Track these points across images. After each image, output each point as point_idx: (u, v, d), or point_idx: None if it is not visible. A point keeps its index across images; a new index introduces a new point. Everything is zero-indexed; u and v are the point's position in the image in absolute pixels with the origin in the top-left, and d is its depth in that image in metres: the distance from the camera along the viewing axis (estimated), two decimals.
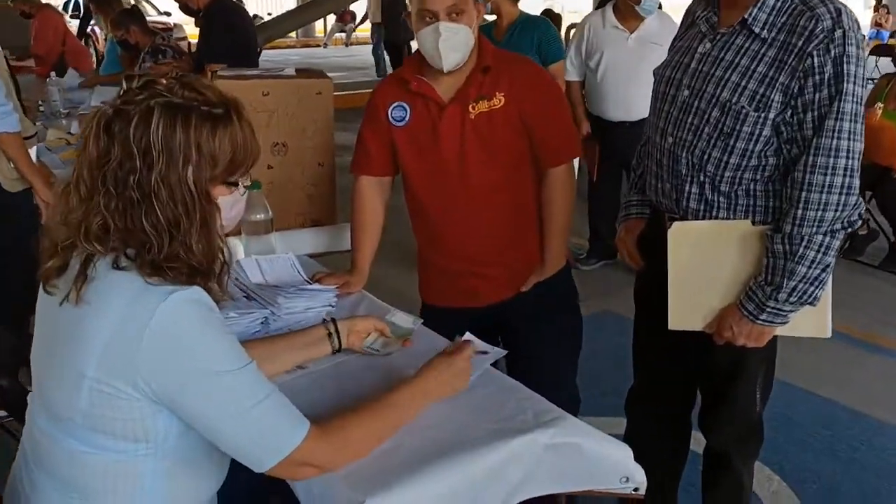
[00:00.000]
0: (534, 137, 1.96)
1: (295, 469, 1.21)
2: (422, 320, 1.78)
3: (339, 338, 1.64)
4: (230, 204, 1.29)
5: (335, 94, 2.44)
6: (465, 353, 1.47)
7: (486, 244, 2.00)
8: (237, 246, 2.15)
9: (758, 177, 1.65)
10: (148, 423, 1.17)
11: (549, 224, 2.01)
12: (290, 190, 2.33)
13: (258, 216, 2.10)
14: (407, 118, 1.96)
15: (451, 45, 1.85)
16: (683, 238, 1.70)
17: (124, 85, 4.32)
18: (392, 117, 1.98)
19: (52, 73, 4.91)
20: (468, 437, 1.36)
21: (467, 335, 1.65)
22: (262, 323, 1.78)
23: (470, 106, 1.92)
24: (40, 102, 4.47)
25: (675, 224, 1.72)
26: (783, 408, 1.95)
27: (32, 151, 2.96)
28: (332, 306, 1.89)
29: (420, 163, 1.98)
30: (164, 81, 1.23)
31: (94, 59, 8.07)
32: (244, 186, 1.31)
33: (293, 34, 14.84)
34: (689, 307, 1.71)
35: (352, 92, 9.28)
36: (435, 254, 2.08)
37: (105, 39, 6.84)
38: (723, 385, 1.85)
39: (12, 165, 2.76)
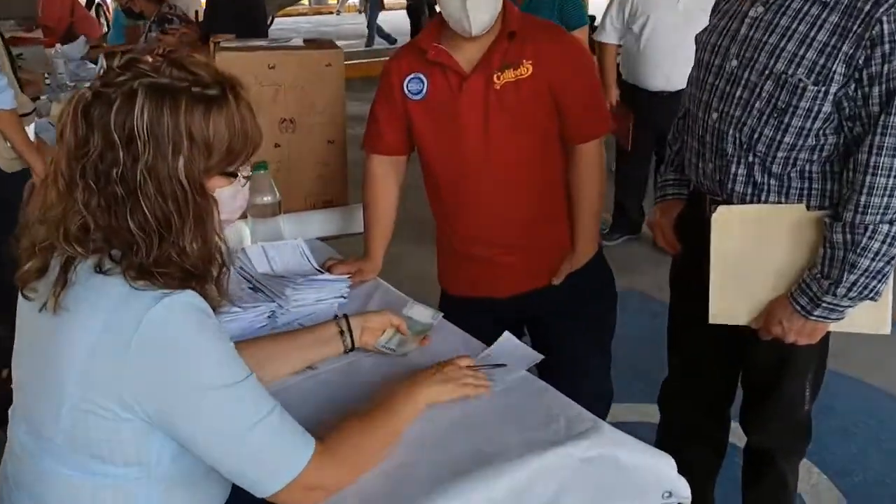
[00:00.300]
0: (562, 111, 1.80)
1: (303, 494, 1.09)
2: (442, 314, 1.64)
3: (351, 336, 1.50)
4: (230, 196, 1.15)
5: (348, 63, 2.29)
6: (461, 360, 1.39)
7: (510, 228, 1.85)
8: (243, 230, 2.02)
9: (814, 157, 1.48)
10: (138, 445, 1.05)
11: (579, 206, 1.86)
12: (300, 169, 2.18)
13: (265, 199, 1.97)
14: (424, 91, 1.81)
15: (479, 5, 1.69)
16: (728, 224, 1.54)
17: (103, 63, 4.18)
18: (408, 90, 1.83)
19: (59, 45, 4.76)
20: (492, 450, 1.23)
21: (505, 336, 1.52)
22: (268, 317, 1.66)
23: (495, 76, 1.75)
24: (46, 75, 4.33)
25: (720, 208, 1.56)
26: (824, 396, 1.80)
27: (30, 129, 2.83)
28: (345, 297, 1.76)
29: (438, 139, 1.83)
30: (150, 59, 1.09)
31: (105, 28, 7.91)
32: (244, 177, 1.17)
33: (305, 1, 14.59)
34: (733, 299, 1.56)
35: (365, 60, 9.09)
36: (454, 238, 1.93)
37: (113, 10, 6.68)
38: (768, 381, 1.70)
39: (9, 144, 2.63)
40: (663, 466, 1.31)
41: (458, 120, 1.78)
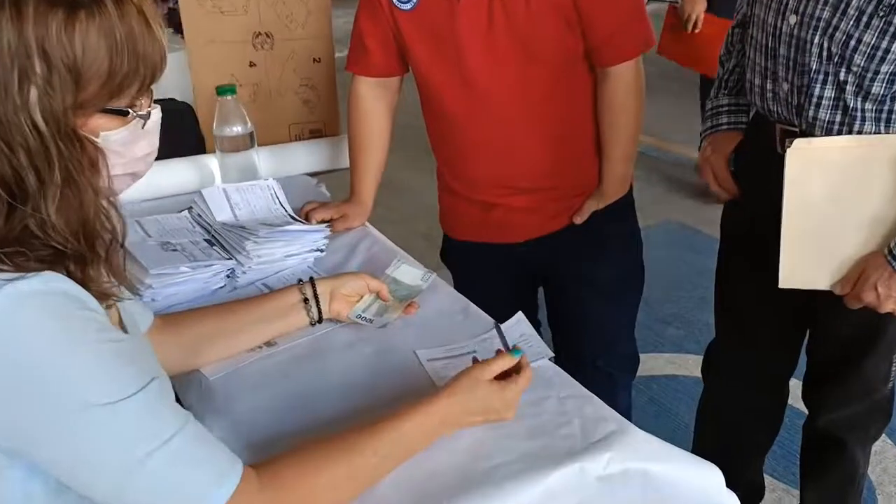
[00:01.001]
0: (587, 25, 1.42)
1: None
2: (434, 274, 1.33)
3: (318, 304, 1.21)
4: (124, 142, 0.84)
5: None
6: (525, 375, 1.02)
7: (523, 169, 1.51)
8: (212, 165, 1.72)
9: None
10: None
11: (610, 141, 1.50)
12: (280, 94, 1.86)
13: (234, 129, 1.65)
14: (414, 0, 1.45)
15: None
16: (807, 162, 1.18)
17: None
18: None
19: None
20: (482, 468, 0.94)
21: (517, 318, 1.21)
22: (227, 276, 1.37)
23: None
24: None
25: (796, 142, 1.19)
26: None
27: None
28: (322, 250, 1.46)
29: (433, 58, 1.47)
30: None
31: None
32: (139, 115, 0.85)
33: None
34: (811, 259, 1.22)
35: None
36: (455, 180, 1.61)
37: None
38: (847, 356, 1.38)
39: None
40: (707, 481, 1.02)
41: (456, 40, 1.42)
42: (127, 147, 0.85)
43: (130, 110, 0.83)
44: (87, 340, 0.76)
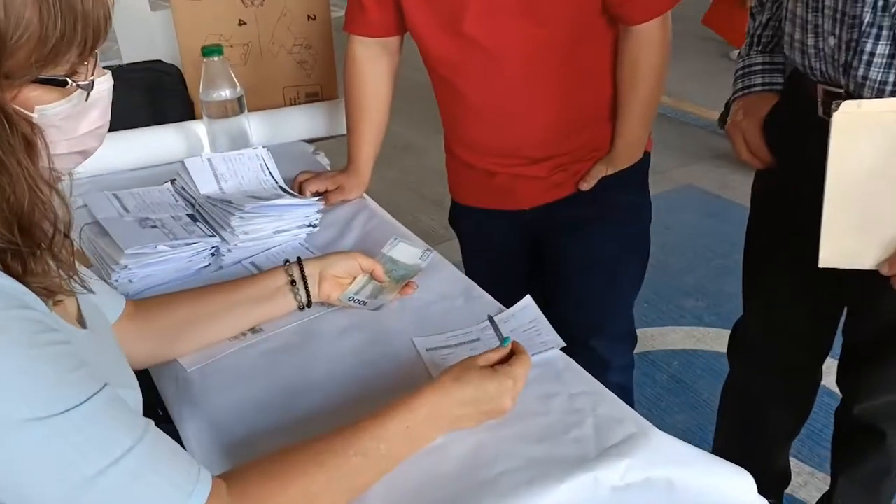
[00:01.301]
0: None
1: None
2: (432, 253, 1.22)
3: (306, 287, 1.10)
4: (65, 116, 0.73)
5: None
6: (520, 360, 0.91)
7: (532, 137, 1.37)
8: (201, 132, 1.60)
9: None
10: None
11: (628, 101, 1.36)
12: (273, 54, 1.73)
13: (222, 94, 1.52)
14: None
15: None
16: (855, 128, 1.03)
17: None
18: None
19: None
20: (489, 473, 0.84)
21: (525, 302, 1.09)
22: (211, 255, 1.26)
23: None
24: None
25: (845, 105, 1.04)
26: None
27: None
28: (315, 226, 1.34)
29: (432, 17, 1.33)
30: None
31: None
32: (80, 85, 0.73)
33: None
34: (856, 236, 1.08)
35: None
36: (457, 144, 1.48)
37: None
38: (887, 337, 1.26)
39: None
40: (739, 488, 0.90)
41: None
42: (70, 122, 0.73)
43: (70, 80, 0.71)
44: (20, 345, 0.65)
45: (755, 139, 1.29)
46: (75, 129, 0.75)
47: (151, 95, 1.72)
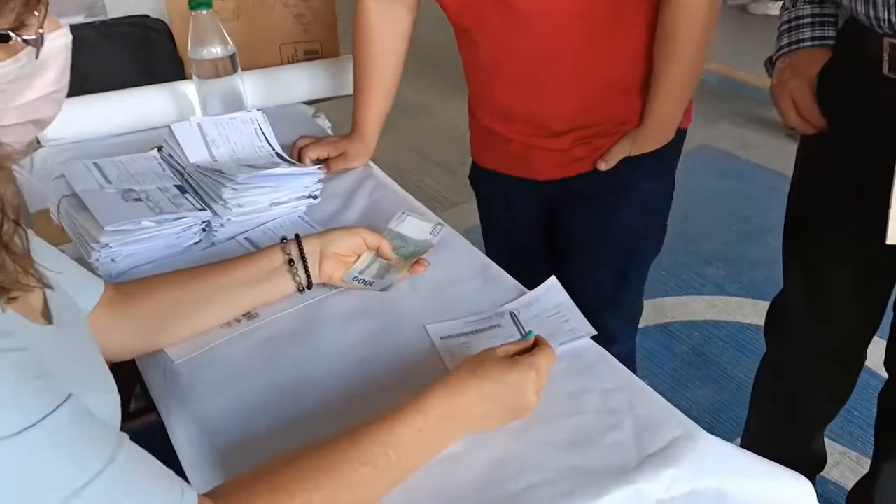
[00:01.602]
0: None
1: None
2: (444, 227, 1.10)
3: (305, 267, 0.99)
4: (14, 79, 0.61)
5: None
6: (543, 351, 0.80)
7: (556, 106, 1.23)
8: (191, 93, 1.48)
9: None
10: None
11: (663, 73, 1.20)
12: (268, 7, 1.59)
13: (213, 51, 1.39)
14: None
15: None
16: None
17: None
18: None
19: None
20: (516, 486, 0.74)
21: (550, 283, 0.98)
22: (202, 230, 1.15)
23: None
24: None
25: None
26: None
27: None
28: (315, 197, 1.23)
29: None
30: None
31: None
32: (27, 41, 0.61)
33: None
34: None
35: None
36: (480, 108, 1.35)
37: None
38: None
39: None
40: (797, 497, 0.80)
41: None
42: (17, 85, 0.62)
43: (12, 34, 0.59)
44: None
45: (806, 101, 1.15)
46: (25, 93, 0.63)
47: (140, 53, 1.59)
